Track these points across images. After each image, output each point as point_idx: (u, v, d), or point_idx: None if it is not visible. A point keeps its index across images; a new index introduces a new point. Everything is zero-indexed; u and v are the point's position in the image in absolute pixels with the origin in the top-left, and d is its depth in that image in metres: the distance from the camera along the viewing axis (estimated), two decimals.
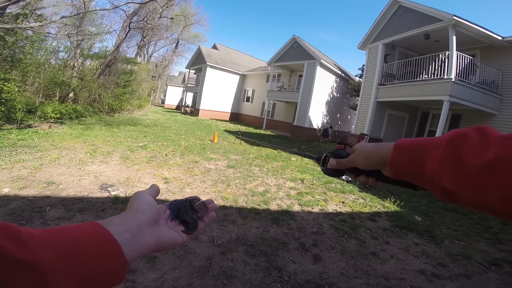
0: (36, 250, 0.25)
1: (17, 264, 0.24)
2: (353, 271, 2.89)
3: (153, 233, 0.39)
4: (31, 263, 0.24)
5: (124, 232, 0.35)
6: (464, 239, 4.01)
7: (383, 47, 11.43)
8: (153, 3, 18.69)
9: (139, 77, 19.37)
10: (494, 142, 0.33)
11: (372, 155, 0.50)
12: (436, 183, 0.38)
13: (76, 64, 14.87)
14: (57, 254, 0.27)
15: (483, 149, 0.33)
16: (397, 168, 0.44)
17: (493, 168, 0.31)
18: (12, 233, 0.25)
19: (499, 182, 0.30)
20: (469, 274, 3.08)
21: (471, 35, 8.64)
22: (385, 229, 4.09)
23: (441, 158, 0.37)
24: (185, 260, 2.66)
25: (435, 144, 0.39)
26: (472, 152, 0.34)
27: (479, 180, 0.32)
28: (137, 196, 0.44)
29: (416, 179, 0.43)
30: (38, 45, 9.96)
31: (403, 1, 10.49)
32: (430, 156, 0.38)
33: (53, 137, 7.16)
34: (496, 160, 0.31)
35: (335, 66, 18.71)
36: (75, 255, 0.28)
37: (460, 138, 0.36)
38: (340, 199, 5.27)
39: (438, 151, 0.38)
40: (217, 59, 25.16)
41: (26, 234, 0.26)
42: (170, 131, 11.63)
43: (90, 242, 0.30)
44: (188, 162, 6.51)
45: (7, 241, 0.24)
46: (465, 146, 0.35)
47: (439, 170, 0.37)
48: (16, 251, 0.24)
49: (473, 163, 0.33)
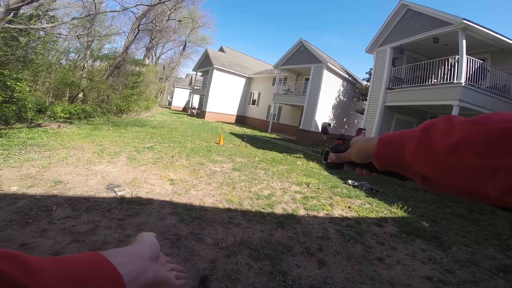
0: (45, 279, 0.26)
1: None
2: (358, 276, 2.85)
3: (152, 268, 0.41)
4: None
5: (127, 264, 0.37)
6: (472, 245, 3.93)
7: (391, 50, 11.34)
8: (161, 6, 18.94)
9: (147, 79, 19.56)
10: (458, 126, 0.36)
11: (362, 150, 0.54)
12: (415, 171, 0.42)
13: (86, 65, 15.12)
14: (64, 284, 0.28)
15: (448, 134, 0.36)
16: (381, 160, 0.48)
17: (456, 149, 0.34)
18: (21, 261, 0.26)
19: (463, 162, 0.33)
20: (476, 280, 3.01)
21: (481, 38, 8.51)
22: (392, 234, 4.03)
23: (415, 146, 0.40)
24: (189, 262, 2.65)
25: (411, 135, 0.42)
26: (439, 138, 0.37)
27: (446, 162, 0.35)
28: (143, 234, 0.48)
29: (400, 169, 0.46)
30: (50, 46, 10.15)
31: (411, 4, 10.41)
32: (407, 146, 0.42)
33: (61, 136, 7.26)
34: (458, 143, 0.34)
35: (342, 69, 18.62)
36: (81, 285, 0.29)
37: (430, 127, 0.40)
38: (346, 204, 5.21)
39: (413, 141, 0.41)
40: (224, 61, 25.30)
41: (35, 264, 0.27)
42: (177, 133, 11.70)
43: (96, 273, 0.32)
44: (194, 164, 6.53)
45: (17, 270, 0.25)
46: (434, 133, 0.38)
47: (415, 158, 0.40)
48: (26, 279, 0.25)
49: (440, 147, 0.36)
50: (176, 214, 3.66)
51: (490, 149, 0.31)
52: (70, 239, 2.71)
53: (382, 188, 6.55)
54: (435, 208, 5.60)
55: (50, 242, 2.60)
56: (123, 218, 3.35)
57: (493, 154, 0.31)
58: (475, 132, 0.33)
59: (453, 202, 6.22)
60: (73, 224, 3.00)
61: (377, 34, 12.11)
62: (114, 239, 2.85)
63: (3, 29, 6.43)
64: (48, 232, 2.76)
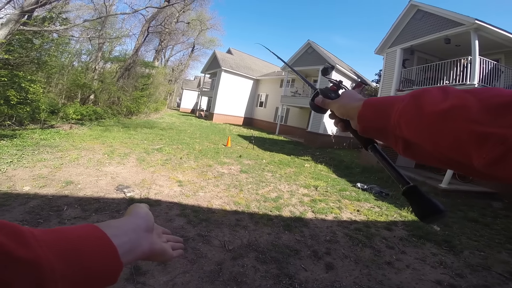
0: (37, 250, 0.26)
1: (18, 262, 0.24)
2: (366, 280, 2.81)
3: (148, 240, 0.41)
4: (31, 262, 0.25)
5: (121, 235, 0.36)
6: (485, 250, 3.84)
7: (401, 52, 11.18)
8: (170, 8, 19.19)
9: (156, 81, 19.83)
10: (452, 94, 0.35)
11: (344, 107, 0.54)
12: (397, 134, 0.41)
13: (97, 67, 15.42)
14: (57, 255, 0.27)
15: (441, 100, 0.35)
16: (364, 122, 0.47)
17: (447, 114, 0.33)
18: (14, 232, 0.26)
19: (451, 127, 0.32)
20: (488, 285, 2.94)
21: (494, 39, 8.32)
22: (402, 238, 3.96)
23: (403, 108, 0.39)
24: (196, 264, 2.66)
25: (401, 99, 0.41)
26: (430, 103, 0.36)
27: (435, 126, 0.34)
28: (136, 205, 0.46)
29: (381, 133, 0.45)
30: (63, 48, 10.39)
31: (421, 5, 10.25)
32: (394, 108, 0.41)
33: (73, 137, 7.42)
34: (450, 108, 0.33)
35: (351, 71, 18.46)
36: (74, 256, 0.29)
37: (423, 92, 0.38)
38: (355, 207, 5.15)
39: (402, 103, 0.40)
40: (232, 63, 25.41)
41: (28, 234, 0.27)
42: (185, 135, 11.80)
43: (89, 244, 0.31)
44: (202, 166, 6.57)
45: (10, 240, 0.25)
46: (426, 98, 0.37)
47: (401, 119, 0.39)
48: (17, 250, 0.25)
49: (430, 111, 0.35)
50: (184, 216, 3.69)
51: (483, 118, 0.30)
52: None
53: (392, 192, 6.45)
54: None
55: None
56: None
57: (485, 122, 0.29)
58: (470, 101, 0.32)
59: (465, 205, 6.07)
60: None
61: (387, 35, 11.97)
62: None
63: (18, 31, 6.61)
64: None
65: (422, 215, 0.38)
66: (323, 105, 0.62)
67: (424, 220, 0.39)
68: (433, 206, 0.38)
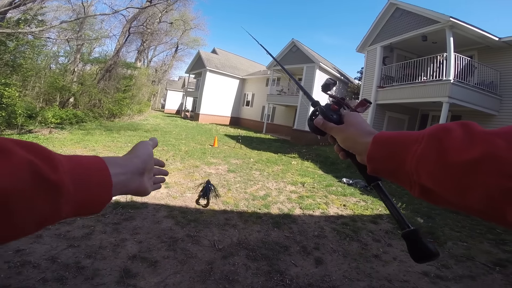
0: (62, 175, 0.31)
1: (47, 183, 0.29)
2: (355, 274, 2.87)
3: (139, 182, 0.45)
4: (56, 184, 0.30)
5: (120, 175, 0.41)
6: (467, 240, 4.00)
7: (381, 49, 11.47)
8: (152, 8, 18.83)
9: (139, 82, 19.42)
10: (480, 138, 0.31)
11: (351, 141, 0.48)
12: (415, 180, 0.36)
13: (76, 69, 14.93)
14: (72, 180, 0.32)
15: (467, 145, 0.31)
16: (374, 163, 0.42)
17: (477, 166, 0.29)
18: (48, 157, 0.30)
19: (483, 182, 0.28)
20: (473, 275, 3.06)
21: (468, 36, 8.68)
22: (387, 231, 4.07)
23: (422, 153, 0.34)
24: (187, 264, 2.64)
25: (416, 138, 0.36)
26: (456, 148, 0.32)
27: (462, 179, 0.30)
28: (142, 144, 0.49)
29: (394, 175, 0.40)
30: (39, 50, 10.01)
31: (399, 3, 10.55)
32: (411, 150, 0.36)
33: (53, 142, 7.16)
34: (481, 158, 0.29)
35: (334, 69, 18.77)
36: (83, 183, 0.34)
37: (443, 133, 0.34)
38: (342, 202, 5.25)
39: (420, 145, 0.35)
40: (217, 63, 25.25)
41: (57, 160, 0.31)
42: (171, 136, 11.63)
43: (95, 175, 0.36)
44: (188, 167, 6.50)
45: (44, 163, 0.29)
46: (449, 142, 0.33)
47: (419, 166, 0.35)
48: (49, 173, 0.29)
49: (456, 160, 0.31)
50: (172, 217, 3.64)
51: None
52: (66, 244, 2.68)
53: None
54: (429, 204, 5.67)
55: (46, 248, 2.57)
56: (119, 222, 3.31)
57: None
58: (500, 148, 0.28)
59: None
60: (68, 229, 2.96)
61: (367, 34, 12.24)
62: (110, 243, 2.83)
63: None
64: (43, 238, 2.72)
65: (418, 258, 0.40)
66: (325, 129, 0.55)
67: (417, 262, 0.41)
68: (428, 251, 0.39)
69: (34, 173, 0.27)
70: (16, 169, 0.26)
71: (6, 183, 0.25)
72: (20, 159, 0.27)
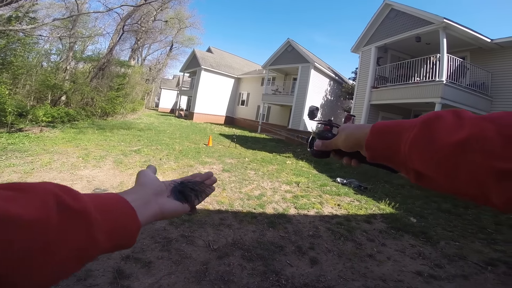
0: (85, 203, 0.32)
1: (73, 212, 0.30)
2: (350, 273, 2.88)
3: (157, 202, 0.45)
4: (83, 212, 0.31)
5: (136, 200, 0.41)
6: (459, 240, 4.04)
7: (375, 50, 11.56)
8: (147, 6, 18.64)
9: (132, 80, 19.20)
10: (468, 122, 0.32)
11: (351, 137, 0.50)
12: (409, 166, 0.38)
13: (69, 67, 14.70)
14: (97, 209, 0.33)
15: (456, 129, 0.32)
16: (372, 151, 0.44)
17: (464, 147, 0.30)
18: (68, 189, 0.32)
19: (470, 161, 0.29)
20: (466, 274, 3.09)
21: (461, 37, 8.80)
22: (381, 231, 4.10)
23: (414, 139, 0.36)
24: (181, 265, 2.61)
25: (409, 126, 0.38)
26: (445, 132, 0.33)
27: (448, 159, 0.31)
28: (141, 174, 0.50)
29: (391, 162, 0.42)
30: (30, 48, 9.82)
31: (395, 4, 10.65)
32: (403, 138, 0.38)
33: (44, 141, 7.03)
34: (468, 139, 0.30)
35: (329, 69, 18.86)
36: (107, 212, 0.35)
37: (434, 119, 0.35)
38: (336, 201, 5.27)
39: (412, 132, 0.37)
40: (212, 62, 25.14)
41: (76, 192, 0.33)
42: (164, 135, 11.54)
43: (115, 205, 0.37)
44: (182, 166, 6.45)
45: (66, 195, 0.30)
46: (439, 127, 0.34)
47: (411, 152, 0.36)
48: (73, 202, 0.30)
49: (444, 142, 0.32)
50: None
51: (503, 151, 0.27)
52: None
53: (370, 185, 6.66)
54: (421, 204, 5.74)
55: None
56: None
57: (506, 156, 0.27)
58: (489, 130, 0.29)
59: (439, 197, 6.38)
60: None
61: (362, 34, 12.32)
62: None
63: None
64: None
65: None
66: (326, 147, 0.57)
67: None
68: None
69: (58, 203, 0.29)
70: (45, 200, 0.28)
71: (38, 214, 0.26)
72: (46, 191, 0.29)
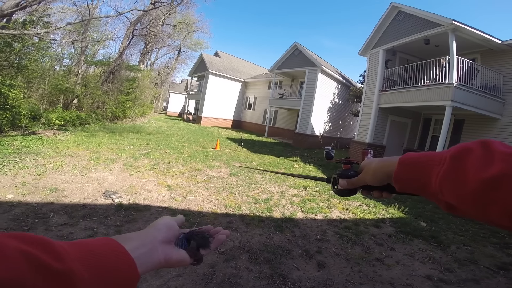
0: (69, 262, 0.29)
1: (55, 273, 0.27)
2: (358, 277, 2.85)
3: (164, 251, 0.43)
4: (66, 273, 0.28)
5: (139, 247, 0.39)
6: (471, 244, 3.97)
7: (383, 52, 11.48)
8: (156, 11, 18.99)
9: (142, 84, 19.52)
10: (499, 157, 0.32)
11: (379, 171, 0.50)
12: (440, 198, 0.38)
13: (80, 71, 15.05)
14: (84, 266, 0.31)
15: (487, 164, 0.32)
16: (401, 183, 0.45)
17: (496, 184, 0.30)
18: (48, 246, 0.29)
19: (502, 199, 0.30)
20: (477, 279, 3.04)
21: (471, 39, 8.67)
22: (390, 235, 4.05)
23: (444, 174, 0.37)
24: (189, 267, 2.64)
25: (439, 159, 0.39)
26: (475, 168, 0.33)
27: (481, 196, 0.32)
28: (162, 218, 0.49)
29: (422, 193, 0.43)
30: (44, 52, 10.09)
31: (402, 6, 10.57)
32: (434, 172, 0.38)
33: (57, 144, 7.20)
34: (500, 176, 0.30)
35: (337, 72, 18.79)
36: (98, 268, 0.32)
37: (464, 153, 0.36)
38: (344, 206, 5.23)
39: (442, 167, 0.37)
40: (219, 66, 25.35)
41: (59, 248, 0.30)
42: (173, 139, 11.67)
43: (109, 257, 0.35)
44: (190, 170, 6.51)
45: (45, 254, 0.28)
46: (469, 162, 0.34)
47: (442, 186, 0.37)
48: (54, 263, 0.28)
49: (476, 179, 0.32)
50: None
51: None
52: None
53: None
54: (432, 208, 5.65)
55: None
56: (121, 224, 3.32)
57: None
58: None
59: None
60: (70, 231, 2.97)
61: (370, 37, 12.26)
62: None
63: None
64: None
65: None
66: (353, 184, 0.58)
67: None
68: None
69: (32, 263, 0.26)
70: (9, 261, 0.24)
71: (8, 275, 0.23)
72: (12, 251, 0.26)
